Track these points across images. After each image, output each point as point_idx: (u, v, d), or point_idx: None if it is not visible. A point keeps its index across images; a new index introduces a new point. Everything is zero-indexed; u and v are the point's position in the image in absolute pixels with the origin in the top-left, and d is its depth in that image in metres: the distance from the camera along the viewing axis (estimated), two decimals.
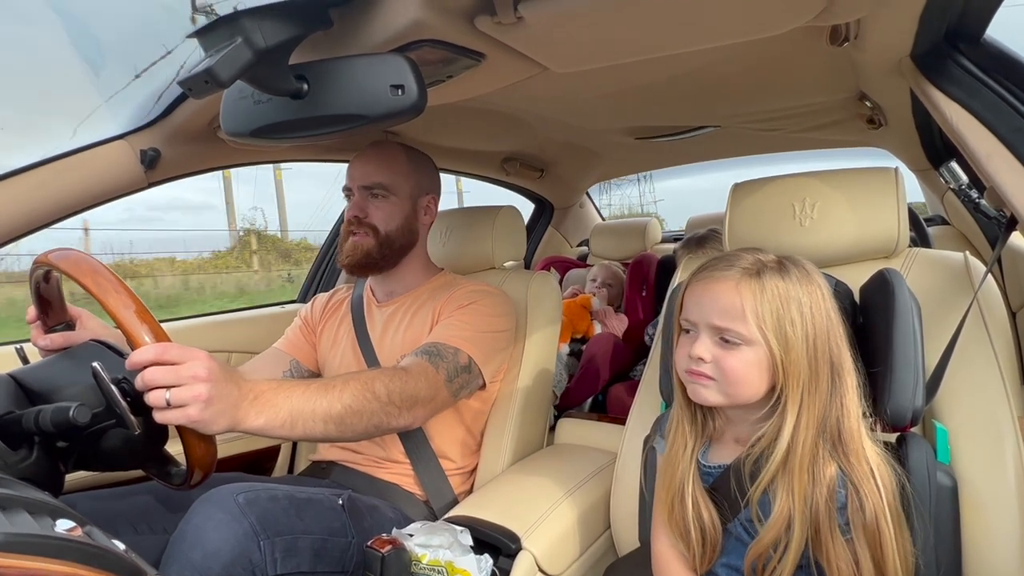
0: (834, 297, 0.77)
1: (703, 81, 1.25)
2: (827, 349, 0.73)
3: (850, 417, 0.73)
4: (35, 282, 0.89)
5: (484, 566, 0.92)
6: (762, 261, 0.76)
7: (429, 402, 1.11)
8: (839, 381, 0.73)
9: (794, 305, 0.72)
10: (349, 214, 1.32)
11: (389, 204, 1.32)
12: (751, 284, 0.73)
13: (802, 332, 0.72)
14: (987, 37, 0.82)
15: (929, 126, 1.51)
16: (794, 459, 0.72)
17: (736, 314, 0.73)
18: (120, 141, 1.17)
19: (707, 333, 0.76)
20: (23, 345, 0.94)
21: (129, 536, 1.02)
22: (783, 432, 0.72)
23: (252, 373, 1.30)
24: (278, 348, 1.43)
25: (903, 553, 0.71)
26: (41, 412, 0.71)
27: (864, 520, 0.70)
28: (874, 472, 0.71)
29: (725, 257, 0.78)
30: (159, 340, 0.76)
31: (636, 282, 2.40)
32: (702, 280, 0.78)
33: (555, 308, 1.44)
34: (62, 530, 0.53)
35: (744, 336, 0.73)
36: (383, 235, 1.31)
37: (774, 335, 0.72)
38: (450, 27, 0.76)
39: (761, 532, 0.74)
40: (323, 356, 1.43)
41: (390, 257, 1.33)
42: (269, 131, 0.77)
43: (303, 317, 1.49)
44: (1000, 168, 0.73)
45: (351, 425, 0.97)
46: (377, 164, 1.32)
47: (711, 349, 0.75)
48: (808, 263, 0.78)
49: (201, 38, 0.65)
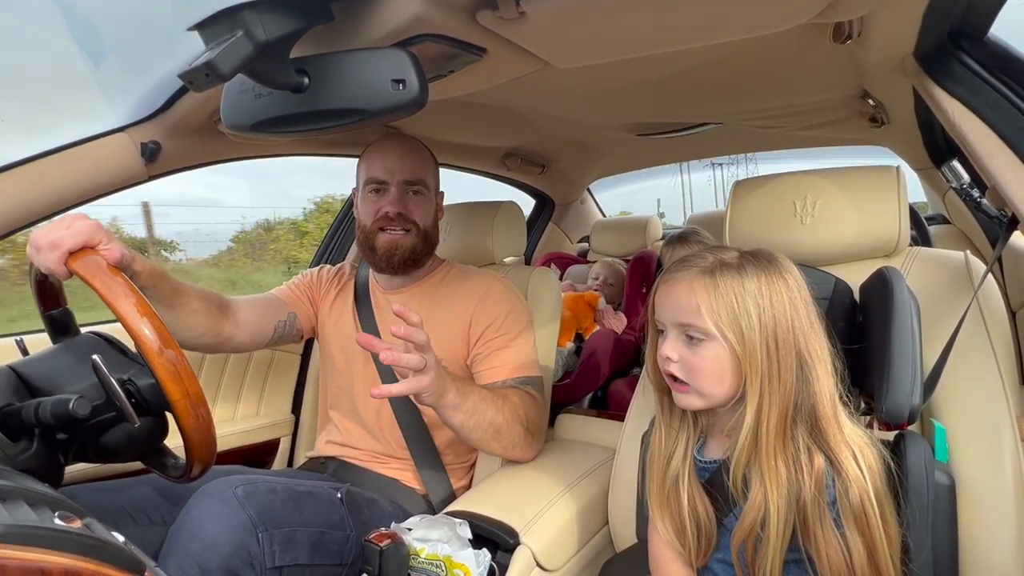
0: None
1: (705, 78, 1.25)
2: (790, 338, 0.74)
3: (823, 403, 0.74)
4: (35, 275, 0.89)
5: (482, 560, 0.93)
6: (722, 260, 0.78)
7: (542, 435, 1.25)
8: (807, 368, 0.74)
9: (749, 298, 0.74)
10: (390, 209, 1.25)
11: (426, 200, 1.31)
12: (704, 282, 0.76)
13: (759, 324, 0.73)
14: (990, 36, 0.82)
15: (931, 124, 1.51)
16: (761, 446, 0.74)
17: (692, 312, 0.76)
18: (121, 134, 1.17)
19: (674, 332, 0.79)
20: (23, 337, 0.94)
21: (128, 528, 1.02)
22: (745, 420, 0.74)
23: (244, 310, 1.27)
24: (278, 296, 1.38)
25: (891, 535, 0.72)
26: (41, 404, 0.71)
27: (850, 504, 0.71)
28: (856, 455, 0.73)
29: (688, 258, 0.81)
30: (160, 335, 0.76)
31: (637, 279, 2.40)
32: (666, 281, 0.81)
33: (555, 304, 1.44)
34: (61, 522, 0.53)
35: (704, 331, 0.75)
36: (423, 231, 1.29)
37: (730, 329, 0.74)
38: (452, 21, 0.76)
39: (740, 517, 0.76)
40: (322, 327, 1.41)
41: (427, 253, 1.33)
42: (270, 125, 0.77)
43: (311, 279, 1.44)
44: (1002, 167, 0.73)
45: (497, 437, 1.12)
46: (415, 158, 1.30)
47: (678, 348, 0.79)
48: (779, 254, 0.79)
49: (202, 31, 0.65)
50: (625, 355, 2.23)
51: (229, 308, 1.23)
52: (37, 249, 0.85)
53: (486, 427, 1.08)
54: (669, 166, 2.69)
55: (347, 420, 1.35)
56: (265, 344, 1.32)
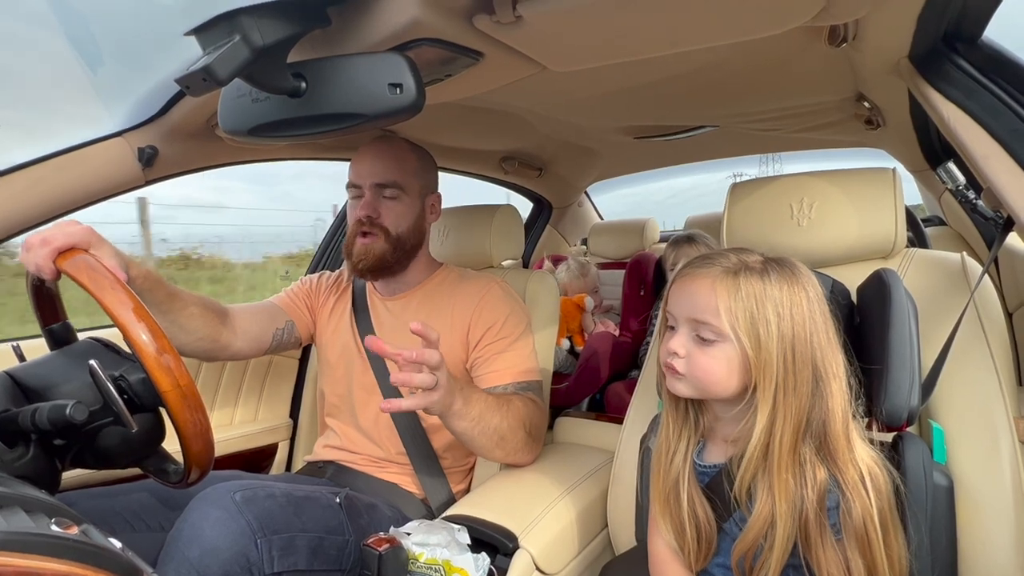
0: (828, 300, 0.77)
1: (701, 81, 1.25)
2: (808, 351, 0.73)
3: (835, 421, 0.72)
4: (32, 281, 0.89)
5: (481, 565, 0.93)
6: (744, 262, 0.76)
7: (542, 439, 1.24)
8: (822, 384, 0.73)
9: (770, 306, 0.72)
10: (360, 213, 1.24)
11: (401, 204, 1.26)
12: (727, 283, 0.74)
13: (777, 333, 0.72)
14: (985, 38, 0.82)
15: (927, 127, 1.51)
16: (772, 458, 0.72)
17: (710, 311, 0.74)
18: (118, 138, 1.17)
19: (684, 328, 0.78)
20: (20, 342, 0.94)
21: (126, 534, 1.02)
22: (755, 431, 0.73)
23: (242, 318, 1.26)
24: (275, 304, 1.37)
25: (894, 559, 0.71)
26: (38, 410, 0.70)
27: (852, 525, 0.70)
28: (864, 477, 0.71)
29: (711, 255, 0.79)
30: (156, 338, 0.76)
31: (634, 282, 2.40)
32: (685, 276, 0.80)
33: (553, 307, 1.44)
34: (58, 528, 0.53)
35: (718, 331, 0.74)
36: (394, 237, 1.25)
37: (746, 334, 0.72)
38: (448, 26, 0.76)
39: (744, 529, 0.75)
40: (321, 334, 1.40)
41: (402, 259, 1.28)
42: (267, 129, 0.77)
43: (309, 287, 1.43)
44: (997, 169, 0.73)
45: (501, 444, 1.11)
46: (388, 161, 1.26)
47: (686, 344, 0.77)
48: (800, 265, 0.78)
49: (199, 36, 0.65)
50: (624, 358, 2.23)
51: (227, 315, 1.23)
52: (27, 249, 0.85)
53: (491, 434, 1.08)
54: (722, 160, 2.56)
55: (345, 426, 1.35)
56: (263, 352, 1.32)
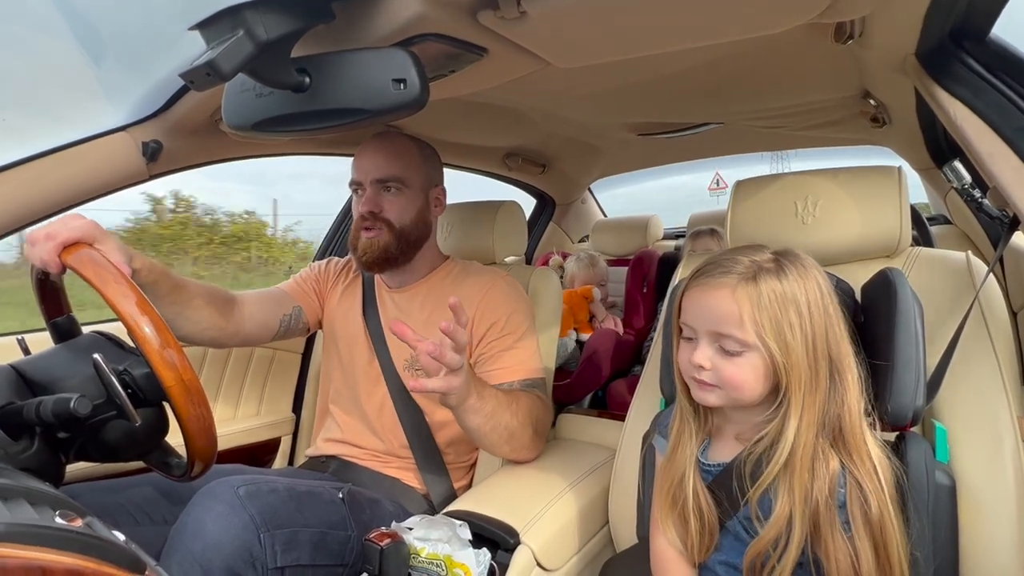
0: (833, 292, 0.77)
1: (706, 78, 1.25)
2: (826, 346, 0.72)
3: (851, 413, 0.72)
4: (37, 275, 0.89)
5: (482, 560, 0.93)
6: (759, 263, 0.75)
7: (546, 436, 1.25)
8: (839, 377, 0.73)
9: (791, 307, 0.72)
10: (362, 209, 1.26)
11: (403, 198, 1.27)
12: (748, 290, 0.73)
13: (801, 333, 0.71)
14: (992, 36, 0.82)
15: (933, 125, 1.50)
16: (795, 459, 0.72)
17: (734, 322, 0.73)
18: (122, 133, 1.17)
19: (706, 340, 0.76)
20: (24, 336, 0.94)
21: (130, 527, 1.02)
22: (786, 434, 0.72)
23: (249, 304, 1.27)
24: (283, 290, 1.38)
25: (900, 548, 0.71)
26: (42, 403, 0.71)
27: (869, 516, 0.70)
28: (877, 468, 0.72)
29: (722, 262, 0.77)
30: (160, 333, 0.76)
31: (637, 279, 2.40)
32: (700, 286, 0.77)
33: (556, 303, 1.44)
34: (63, 521, 0.53)
35: (743, 342, 0.73)
36: (398, 229, 1.26)
37: (773, 340, 0.71)
38: (453, 21, 0.76)
39: (762, 531, 0.73)
40: (328, 321, 1.41)
41: (407, 252, 1.29)
42: (271, 124, 0.77)
43: (318, 272, 1.44)
44: (1003, 168, 0.73)
45: (510, 440, 1.12)
46: (389, 156, 1.27)
47: (711, 357, 0.75)
48: (806, 257, 0.77)
49: (203, 30, 0.65)
50: (626, 355, 2.23)
51: (233, 303, 1.23)
52: (32, 243, 0.85)
53: (501, 431, 1.09)
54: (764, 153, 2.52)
55: (348, 416, 1.35)
56: (271, 338, 1.33)
